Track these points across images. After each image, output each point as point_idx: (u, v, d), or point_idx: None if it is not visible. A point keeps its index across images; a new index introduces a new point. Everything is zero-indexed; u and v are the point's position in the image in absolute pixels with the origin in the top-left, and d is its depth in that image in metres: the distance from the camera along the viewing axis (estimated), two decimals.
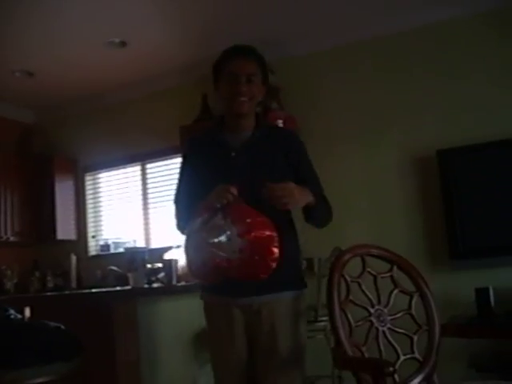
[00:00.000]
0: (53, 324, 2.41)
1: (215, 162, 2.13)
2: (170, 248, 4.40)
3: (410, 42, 4.50)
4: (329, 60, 4.78)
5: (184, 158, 2.30)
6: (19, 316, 2.57)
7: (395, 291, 2.04)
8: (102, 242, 5.77)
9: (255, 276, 1.83)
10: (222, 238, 1.81)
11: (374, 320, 1.97)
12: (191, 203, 2.09)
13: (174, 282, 3.80)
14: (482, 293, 3.70)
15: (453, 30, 4.35)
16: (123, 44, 4.69)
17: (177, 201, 2.26)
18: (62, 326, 2.40)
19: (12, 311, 2.52)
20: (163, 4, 4.12)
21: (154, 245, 5.42)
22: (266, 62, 2.18)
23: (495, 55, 4.21)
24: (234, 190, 1.87)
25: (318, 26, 4.59)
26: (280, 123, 4.39)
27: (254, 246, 1.78)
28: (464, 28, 4.32)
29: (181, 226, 2.20)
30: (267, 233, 1.80)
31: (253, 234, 1.79)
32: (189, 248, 1.96)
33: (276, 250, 1.80)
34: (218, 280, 1.94)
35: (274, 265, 1.80)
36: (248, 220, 1.81)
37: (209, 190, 1.94)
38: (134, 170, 5.79)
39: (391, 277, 2.06)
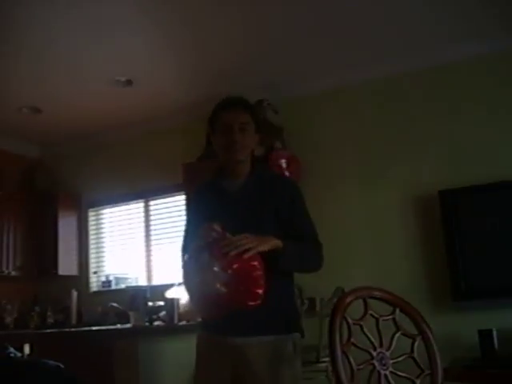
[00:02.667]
0: (52, 363, 2.39)
1: (214, 208, 2.20)
2: (171, 285, 4.39)
3: (409, 83, 4.56)
4: (330, 100, 4.84)
5: (188, 207, 2.40)
6: (19, 354, 2.56)
7: (397, 334, 2.03)
8: (103, 278, 5.76)
9: (244, 305, 1.84)
10: (209, 274, 1.83)
11: (376, 363, 1.95)
12: None
13: (176, 320, 3.78)
14: (485, 335, 3.67)
15: (453, 71, 4.42)
16: (129, 82, 4.76)
17: (184, 250, 2.29)
18: (62, 365, 2.38)
19: (12, 349, 2.51)
20: (169, 43, 4.20)
21: (156, 282, 5.40)
22: (257, 111, 2.26)
23: (496, 96, 4.26)
24: (218, 227, 1.91)
25: (319, 68, 4.68)
26: (283, 163, 4.43)
27: (237, 277, 1.80)
28: (464, 69, 4.38)
29: None
30: (251, 263, 1.82)
31: (235, 265, 1.81)
32: (186, 287, 2.01)
33: (259, 273, 1.81)
34: (221, 314, 1.94)
35: (260, 291, 1.81)
36: (232, 253, 1.83)
37: None
38: (138, 207, 5.81)
39: (393, 319, 2.05)
